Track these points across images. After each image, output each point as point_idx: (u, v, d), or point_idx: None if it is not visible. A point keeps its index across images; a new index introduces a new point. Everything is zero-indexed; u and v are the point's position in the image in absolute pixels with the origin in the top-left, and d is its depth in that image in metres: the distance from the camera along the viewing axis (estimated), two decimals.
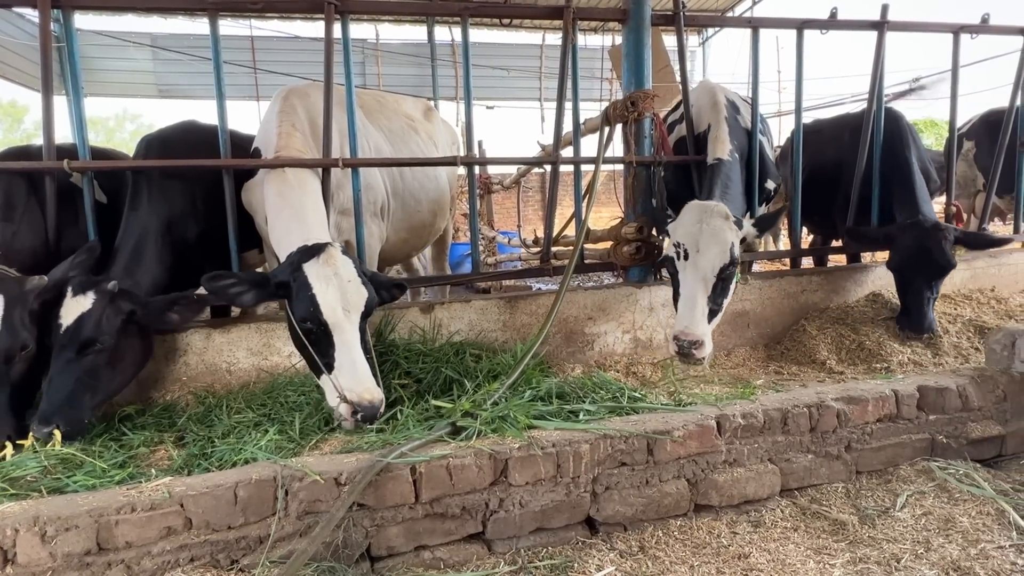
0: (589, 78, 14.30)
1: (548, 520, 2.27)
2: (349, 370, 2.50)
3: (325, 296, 2.51)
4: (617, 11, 3.85)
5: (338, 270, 2.56)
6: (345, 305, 2.54)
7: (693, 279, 3.11)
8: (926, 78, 12.35)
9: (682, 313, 3.10)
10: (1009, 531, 2.25)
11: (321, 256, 2.57)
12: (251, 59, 13.97)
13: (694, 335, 2.98)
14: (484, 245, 8.29)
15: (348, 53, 3.39)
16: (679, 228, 3.22)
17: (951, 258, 3.66)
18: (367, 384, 2.49)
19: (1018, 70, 4.65)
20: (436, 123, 4.77)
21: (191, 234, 3.28)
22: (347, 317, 2.54)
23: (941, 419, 2.80)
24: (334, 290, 2.52)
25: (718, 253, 3.10)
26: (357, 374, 2.50)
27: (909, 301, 3.70)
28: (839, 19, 4.16)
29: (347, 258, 2.64)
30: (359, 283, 2.60)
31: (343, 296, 2.54)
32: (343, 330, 2.53)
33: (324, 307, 2.51)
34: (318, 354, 2.55)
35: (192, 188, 3.30)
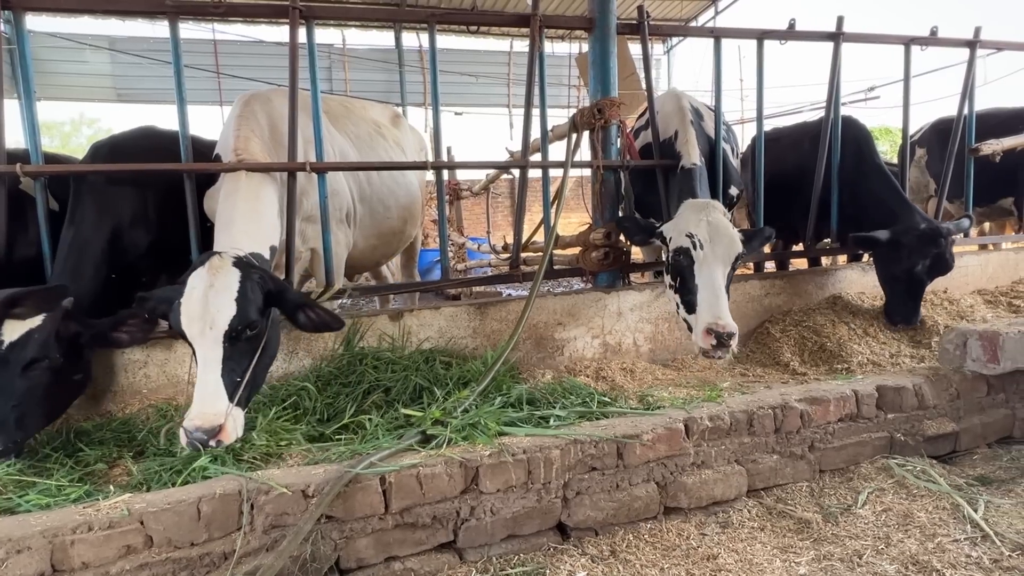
0: (557, 85, 14.42)
1: (519, 527, 2.27)
2: (197, 392, 2.30)
3: (187, 308, 2.34)
4: (583, 20, 3.89)
5: (214, 281, 2.36)
6: (204, 317, 2.33)
7: (714, 269, 3.00)
8: (880, 87, 12.79)
9: (711, 303, 2.92)
10: (963, 525, 2.33)
11: (205, 266, 2.40)
12: (214, 63, 13.71)
13: (730, 325, 2.83)
14: (454, 251, 8.27)
15: (314, 58, 3.35)
16: (684, 223, 3.13)
17: (954, 259, 3.89)
18: (203, 409, 2.25)
19: (965, 80, 4.85)
20: (404, 129, 4.74)
21: (142, 244, 3.18)
22: (204, 333, 2.33)
23: (899, 417, 2.89)
24: (198, 303, 2.33)
25: (731, 242, 3.06)
26: (200, 397, 2.28)
27: (908, 296, 3.87)
28: (797, 30, 4.29)
29: (234, 272, 2.41)
30: (229, 299, 2.35)
31: (206, 309, 2.33)
32: (200, 346, 2.34)
33: (184, 318, 2.34)
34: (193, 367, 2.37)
35: (144, 196, 3.20)
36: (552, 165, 3.90)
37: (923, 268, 3.83)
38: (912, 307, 3.88)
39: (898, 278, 3.90)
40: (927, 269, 3.84)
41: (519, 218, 3.92)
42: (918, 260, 3.80)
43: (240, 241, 2.66)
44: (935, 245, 3.80)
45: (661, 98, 4.30)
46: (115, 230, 3.07)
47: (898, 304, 3.92)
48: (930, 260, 3.81)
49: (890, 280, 3.97)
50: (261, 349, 2.48)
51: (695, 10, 15.42)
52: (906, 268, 3.83)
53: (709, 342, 2.85)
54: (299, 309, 2.60)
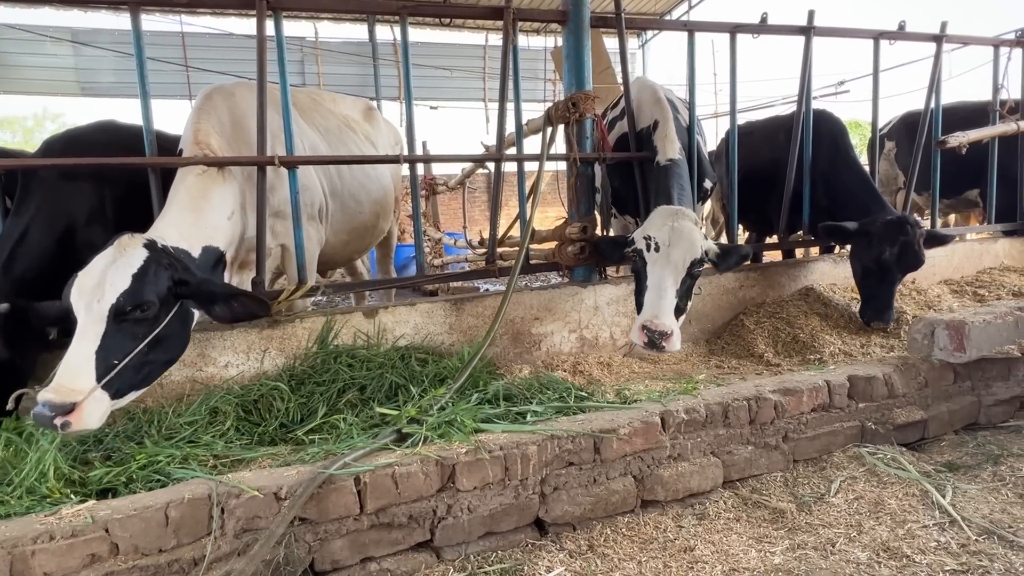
0: (532, 79, 14.38)
1: (497, 524, 2.26)
2: (63, 364, 2.16)
3: (80, 279, 2.24)
4: (557, 13, 3.87)
5: (117, 259, 2.27)
6: (95, 292, 2.21)
7: (663, 270, 3.05)
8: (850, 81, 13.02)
9: (650, 302, 3.00)
10: (932, 511, 2.38)
11: (112, 244, 2.34)
12: (182, 56, 13.39)
13: (664, 325, 2.88)
14: (430, 247, 8.21)
15: (282, 51, 3.28)
16: (649, 226, 3.18)
17: (924, 253, 3.89)
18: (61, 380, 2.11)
19: (932, 74, 4.94)
20: (376, 124, 4.67)
21: (99, 242, 3.08)
22: (89, 310, 2.20)
23: (870, 406, 2.94)
24: (92, 277, 2.24)
25: (688, 247, 3.08)
26: (63, 368, 2.14)
27: (880, 292, 3.86)
28: (769, 24, 4.32)
29: (143, 251, 2.32)
30: (128, 276, 2.25)
31: (98, 284, 2.22)
32: (82, 318, 2.21)
33: (73, 289, 2.22)
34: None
35: (101, 192, 3.09)
36: (527, 158, 3.88)
37: (892, 259, 3.84)
38: (886, 304, 3.84)
39: (869, 271, 3.93)
40: (897, 263, 3.85)
41: (494, 213, 3.90)
42: (886, 249, 3.84)
43: (167, 232, 2.54)
44: (902, 233, 3.83)
45: (637, 87, 4.28)
46: (68, 229, 2.97)
47: (870, 300, 3.91)
48: (899, 252, 3.83)
49: (862, 275, 4.00)
50: (153, 339, 2.32)
51: (669, 4, 15.48)
52: (875, 258, 3.87)
53: (642, 339, 2.89)
54: (216, 300, 2.49)
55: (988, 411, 3.20)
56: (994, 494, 2.50)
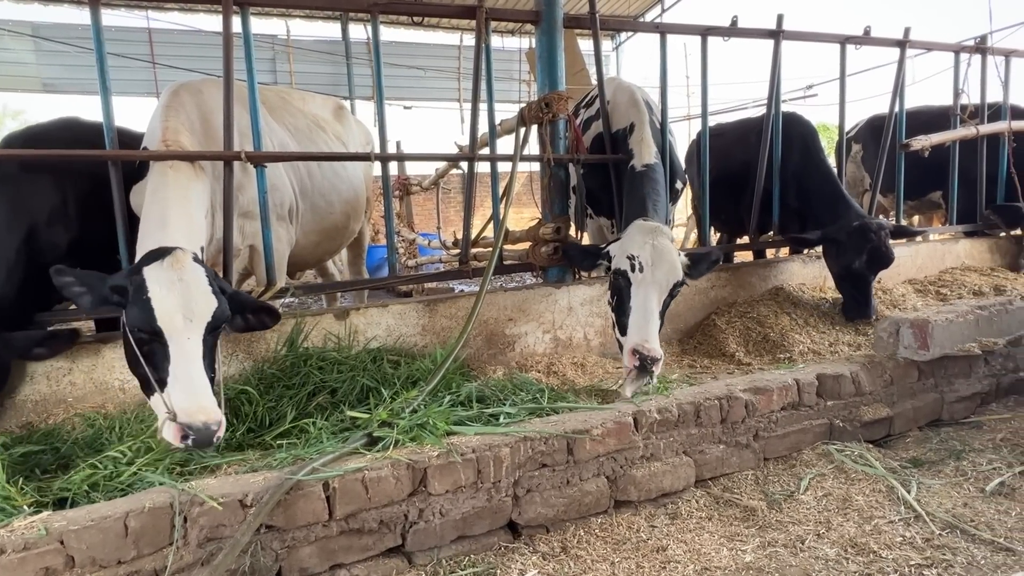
0: (507, 80, 14.36)
1: (469, 527, 2.23)
2: (184, 385, 2.18)
3: (163, 301, 2.21)
4: (530, 13, 3.86)
5: (184, 276, 2.27)
6: (187, 313, 2.24)
7: (648, 291, 3.02)
8: (818, 85, 13.28)
9: (640, 326, 2.94)
10: (898, 506, 2.43)
11: (166, 259, 2.29)
12: (149, 52, 13.07)
13: (655, 351, 2.85)
14: (404, 247, 8.14)
15: (249, 47, 3.21)
16: (629, 244, 3.14)
17: (892, 252, 4.04)
18: (202, 403, 2.16)
19: (896, 78, 5.06)
20: (347, 123, 4.61)
21: (61, 242, 2.98)
22: (187, 326, 2.24)
23: (838, 404, 2.99)
24: (175, 296, 2.23)
25: (671, 269, 3.07)
26: (192, 391, 2.18)
27: (857, 292, 4.03)
28: (739, 27, 4.37)
29: (199, 266, 2.35)
30: (208, 292, 2.31)
31: (185, 303, 2.24)
32: (180, 340, 2.22)
33: (160, 313, 2.20)
34: (151, 367, 2.23)
35: (63, 190, 2.99)
36: (501, 158, 3.87)
37: (862, 263, 3.96)
38: (865, 302, 4.01)
39: (843, 275, 4.05)
40: (868, 263, 3.98)
41: (467, 214, 3.87)
42: (854, 256, 3.95)
43: (179, 240, 2.50)
44: (866, 240, 3.94)
45: (613, 87, 4.28)
46: (31, 229, 2.87)
47: (849, 300, 4.07)
48: (868, 255, 3.94)
49: (839, 278, 4.13)
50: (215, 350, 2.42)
51: (642, 7, 15.61)
52: (846, 264, 3.97)
53: (633, 363, 2.85)
54: (245, 311, 2.59)
55: (951, 407, 3.28)
56: (956, 489, 2.56)
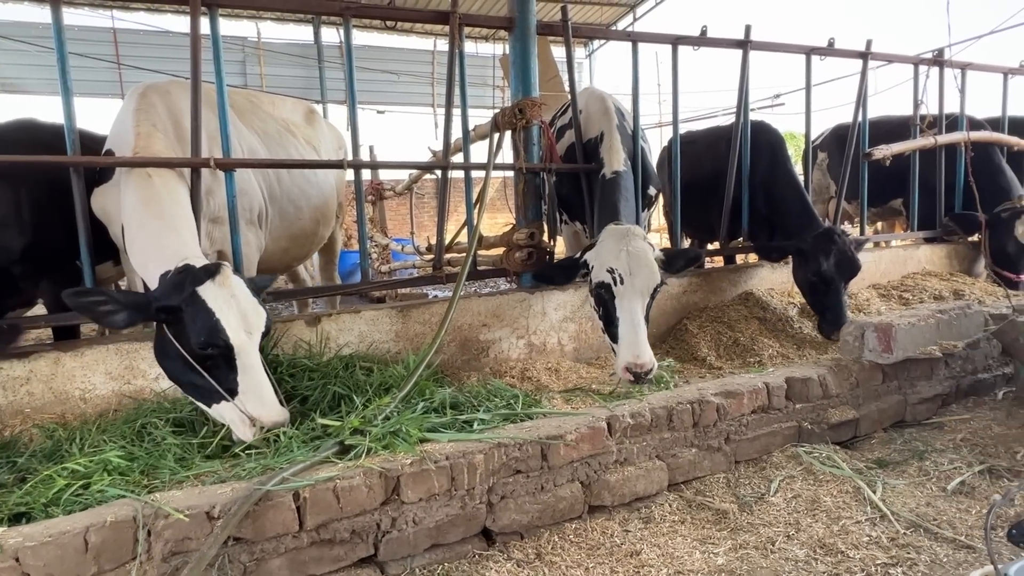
0: (481, 85, 14.38)
1: (443, 535, 2.21)
2: (255, 395, 2.39)
3: (228, 319, 2.36)
4: (503, 19, 3.87)
5: (234, 292, 2.43)
6: (247, 327, 2.43)
7: (633, 303, 3.08)
8: (785, 94, 13.58)
9: (631, 340, 3.02)
10: (864, 506, 2.48)
11: (217, 277, 2.41)
12: (114, 53, 12.76)
13: (649, 362, 2.94)
14: (378, 253, 8.07)
15: (218, 49, 3.16)
16: (604, 254, 3.18)
17: (859, 260, 4.02)
18: (276, 407, 2.42)
19: (859, 89, 5.20)
20: (318, 127, 4.56)
21: (14, 247, 2.89)
22: (250, 339, 2.43)
23: (806, 407, 3.05)
24: (235, 313, 2.40)
25: (649, 274, 3.13)
26: (264, 399, 2.40)
27: (829, 303, 3.95)
28: (709, 37, 4.45)
29: (239, 278, 2.51)
30: (255, 303, 2.50)
31: (244, 318, 2.42)
32: (248, 353, 2.40)
33: (230, 331, 2.36)
34: (218, 381, 2.38)
35: (16, 195, 2.91)
36: (474, 167, 3.86)
37: (829, 270, 3.95)
38: (839, 312, 3.89)
39: (815, 287, 4.01)
40: (836, 271, 3.95)
41: (441, 220, 3.86)
42: (827, 264, 3.95)
43: (196, 250, 2.59)
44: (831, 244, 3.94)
45: (585, 97, 4.33)
46: None
47: (824, 313, 3.98)
48: (835, 261, 3.94)
49: (809, 291, 4.08)
50: None
51: (615, 15, 15.81)
52: (815, 273, 3.97)
53: (628, 379, 2.99)
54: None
55: (913, 409, 3.37)
56: (920, 488, 2.62)
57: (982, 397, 3.59)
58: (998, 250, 5.38)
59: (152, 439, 2.49)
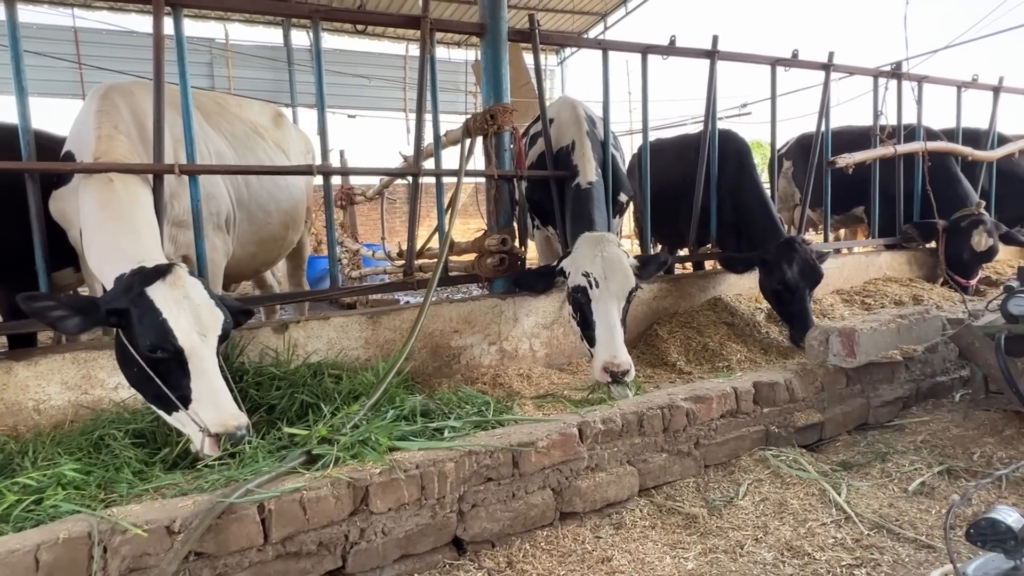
0: (454, 91, 14.38)
1: (413, 545, 2.18)
2: (210, 400, 2.29)
3: (178, 320, 2.27)
4: (475, 25, 3.87)
5: (188, 292, 2.34)
6: (200, 329, 2.33)
7: (608, 306, 3.15)
8: (752, 104, 13.90)
9: (607, 342, 3.10)
10: (830, 508, 2.52)
11: (168, 277, 2.33)
12: (75, 52, 12.42)
13: (625, 363, 3.02)
14: (348, 258, 7.98)
15: (182, 50, 3.09)
16: (579, 259, 3.26)
17: (820, 268, 4.10)
18: (231, 411, 2.32)
19: (822, 99, 5.34)
20: (287, 130, 4.49)
21: None
22: (204, 342, 2.33)
23: (773, 411, 3.10)
24: (187, 314, 2.30)
25: (624, 279, 3.20)
26: (219, 404, 2.30)
27: (795, 311, 4.02)
28: (678, 46, 4.52)
29: (196, 279, 2.43)
30: (213, 305, 2.40)
31: (198, 320, 2.32)
32: (201, 357, 2.31)
33: (179, 332, 2.26)
34: (170, 387, 2.29)
35: None
36: (445, 173, 3.85)
37: (793, 279, 4.00)
38: (806, 319, 3.93)
39: (781, 296, 4.07)
40: (800, 279, 4.01)
41: (412, 224, 3.83)
42: (791, 273, 4.00)
43: (154, 251, 2.51)
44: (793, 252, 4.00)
45: (556, 105, 4.36)
46: None
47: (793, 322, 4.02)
48: (798, 270, 4.00)
49: (776, 301, 4.14)
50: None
51: (586, 24, 15.99)
52: (780, 282, 4.03)
53: (606, 379, 3.04)
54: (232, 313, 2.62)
55: (876, 412, 3.45)
56: (883, 490, 2.68)
57: (940, 399, 3.70)
58: (954, 256, 5.57)
59: (110, 451, 2.40)
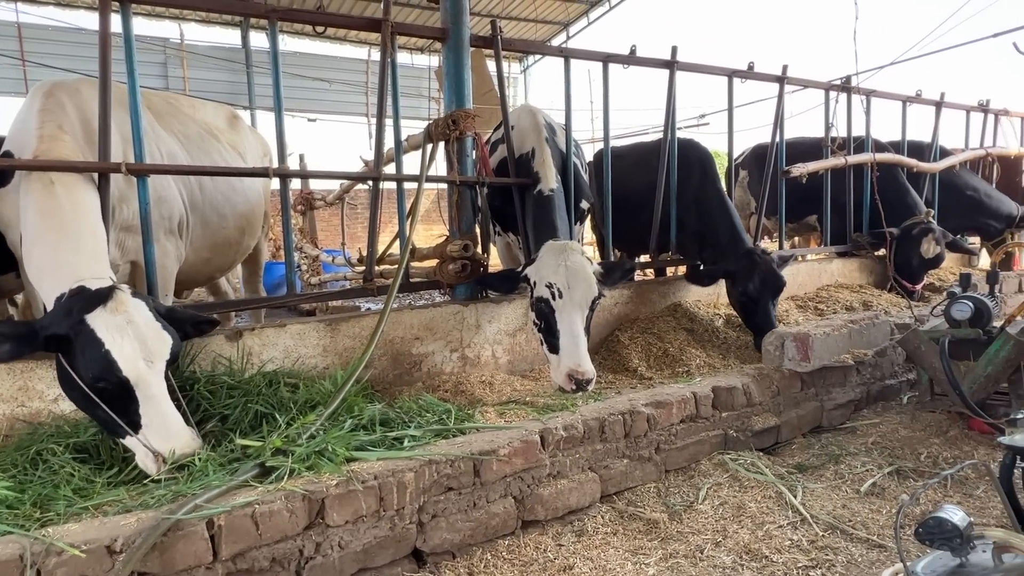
0: (417, 96, 14.28)
1: (371, 559, 2.13)
2: (160, 426, 2.23)
3: (122, 350, 2.18)
4: (436, 30, 3.85)
5: (131, 317, 2.25)
6: (147, 356, 2.24)
7: (572, 315, 3.18)
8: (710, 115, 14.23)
9: (570, 350, 3.13)
10: (786, 510, 2.57)
11: (109, 303, 2.22)
12: (18, 49, 11.88)
13: (588, 371, 3.06)
14: (307, 264, 7.81)
15: (130, 47, 2.97)
16: (543, 268, 3.28)
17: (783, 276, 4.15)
18: (184, 438, 2.25)
19: (776, 111, 5.49)
20: (243, 133, 4.37)
21: None
22: (151, 368, 2.25)
23: (731, 415, 3.15)
24: (131, 341, 2.21)
25: (587, 288, 3.23)
26: (170, 430, 2.23)
27: (761, 320, 4.04)
28: (638, 56, 4.58)
29: (139, 300, 2.32)
30: (159, 328, 2.31)
31: (143, 345, 2.24)
32: (148, 384, 2.23)
33: (123, 363, 2.17)
34: (118, 413, 2.20)
35: None
36: (407, 178, 3.80)
37: (757, 289, 4.05)
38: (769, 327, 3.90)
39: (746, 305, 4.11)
40: (763, 289, 4.05)
41: (372, 230, 3.76)
42: (756, 283, 4.05)
43: (95, 267, 2.39)
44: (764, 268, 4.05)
45: (517, 113, 4.37)
46: None
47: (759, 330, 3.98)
48: (761, 280, 4.05)
49: (742, 310, 4.18)
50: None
51: (549, 33, 16.12)
52: (744, 292, 4.08)
53: (570, 386, 3.07)
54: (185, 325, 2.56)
55: (829, 415, 3.54)
56: (836, 491, 2.75)
57: (890, 402, 3.83)
58: (904, 262, 5.78)
59: (49, 467, 2.28)
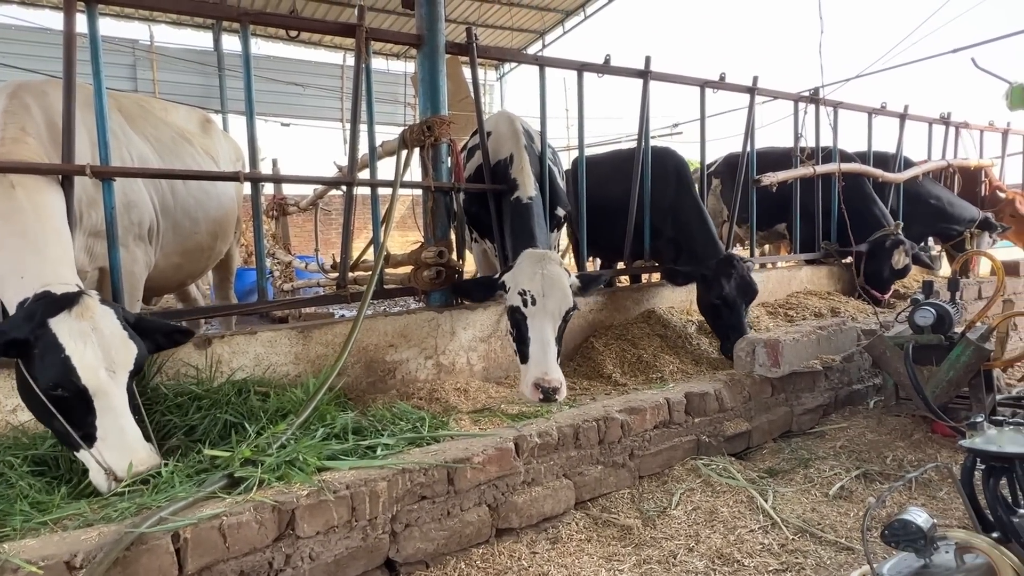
0: (393, 103, 14.24)
1: (343, 570, 2.10)
2: (116, 441, 2.14)
3: (83, 357, 2.11)
4: (411, 36, 3.84)
5: (96, 324, 2.18)
6: (109, 365, 2.17)
7: (543, 323, 3.18)
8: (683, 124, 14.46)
9: (539, 359, 3.12)
10: (757, 515, 2.60)
11: (74, 308, 2.15)
12: None
13: (556, 380, 3.04)
14: (280, 270, 7.71)
15: (96, 47, 2.90)
16: (520, 276, 3.27)
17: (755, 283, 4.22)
18: (139, 454, 2.16)
19: (747, 121, 5.60)
20: (216, 137, 4.30)
21: None
22: (112, 379, 2.17)
23: (704, 421, 3.18)
24: (93, 349, 2.14)
25: (562, 297, 3.23)
26: (126, 445, 2.15)
27: (732, 324, 4.07)
28: (612, 65, 4.63)
29: (107, 308, 2.25)
30: (125, 337, 2.24)
31: (106, 354, 2.16)
32: (107, 395, 2.15)
33: (83, 370, 2.10)
34: (73, 425, 2.12)
35: None
36: (381, 184, 3.77)
37: (731, 294, 4.10)
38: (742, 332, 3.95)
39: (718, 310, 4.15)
40: (737, 294, 4.11)
41: (346, 236, 3.73)
42: (730, 288, 4.10)
43: (61, 271, 2.31)
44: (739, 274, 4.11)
45: (495, 119, 4.37)
46: None
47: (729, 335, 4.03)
48: (736, 285, 4.10)
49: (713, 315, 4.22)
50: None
51: (526, 41, 16.23)
52: (719, 296, 4.12)
53: (536, 396, 3.04)
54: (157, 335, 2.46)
55: (799, 419, 3.60)
56: (806, 495, 2.79)
57: (857, 406, 3.91)
58: (874, 272, 5.92)
59: (5, 480, 2.20)
